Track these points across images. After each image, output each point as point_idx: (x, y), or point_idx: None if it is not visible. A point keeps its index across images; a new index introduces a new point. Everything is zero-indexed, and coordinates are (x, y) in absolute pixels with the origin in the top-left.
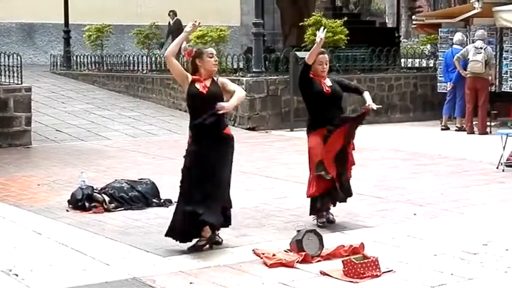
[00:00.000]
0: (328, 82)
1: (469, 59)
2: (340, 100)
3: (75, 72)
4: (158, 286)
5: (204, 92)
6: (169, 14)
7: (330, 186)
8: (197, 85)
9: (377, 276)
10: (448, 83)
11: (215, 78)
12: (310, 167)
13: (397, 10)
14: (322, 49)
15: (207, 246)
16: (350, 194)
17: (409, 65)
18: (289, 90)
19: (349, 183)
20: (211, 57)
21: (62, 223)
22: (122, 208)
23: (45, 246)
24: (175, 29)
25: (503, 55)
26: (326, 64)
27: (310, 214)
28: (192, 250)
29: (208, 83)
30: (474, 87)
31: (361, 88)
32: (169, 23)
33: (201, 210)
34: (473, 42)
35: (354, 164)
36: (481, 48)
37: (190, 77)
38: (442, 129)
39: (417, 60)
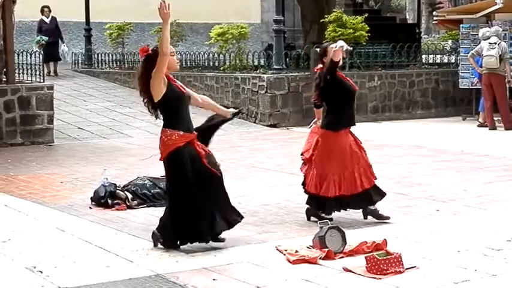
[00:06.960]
0: None
1: (483, 54)
2: None
3: (96, 70)
4: (181, 283)
5: (184, 92)
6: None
7: None
8: (173, 85)
9: (400, 272)
10: (476, 79)
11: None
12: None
13: (418, 6)
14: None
15: None
16: None
17: (430, 61)
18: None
19: None
20: (173, 55)
21: (85, 220)
22: (145, 205)
23: (68, 243)
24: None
25: None
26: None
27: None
28: None
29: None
30: (489, 83)
31: None
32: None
33: None
34: (488, 38)
35: None
36: (495, 43)
37: (165, 78)
38: (478, 126)
39: (438, 56)
